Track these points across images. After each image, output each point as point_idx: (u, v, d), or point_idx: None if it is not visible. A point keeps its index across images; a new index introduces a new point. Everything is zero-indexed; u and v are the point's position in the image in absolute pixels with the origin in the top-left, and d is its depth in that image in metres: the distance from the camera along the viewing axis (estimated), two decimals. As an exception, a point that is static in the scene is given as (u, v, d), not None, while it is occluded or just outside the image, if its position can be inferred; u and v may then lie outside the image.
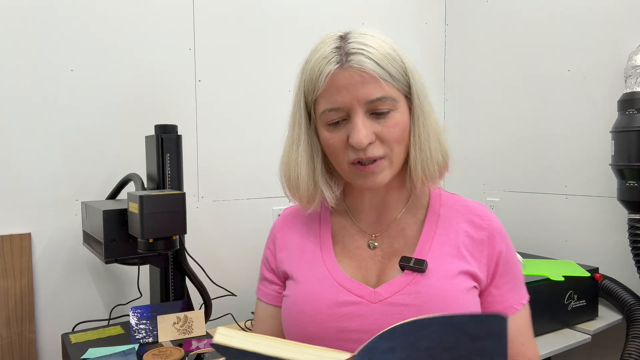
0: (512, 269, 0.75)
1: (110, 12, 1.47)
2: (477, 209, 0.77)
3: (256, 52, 1.74)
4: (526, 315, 0.76)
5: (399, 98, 0.68)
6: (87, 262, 1.46)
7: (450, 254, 0.72)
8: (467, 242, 0.73)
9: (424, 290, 0.68)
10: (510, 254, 0.75)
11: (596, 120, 1.69)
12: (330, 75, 0.67)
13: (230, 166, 1.70)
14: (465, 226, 0.74)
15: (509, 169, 2.00)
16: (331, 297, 0.70)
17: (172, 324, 1.26)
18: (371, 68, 0.65)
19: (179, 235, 1.17)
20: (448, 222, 0.75)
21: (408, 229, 0.76)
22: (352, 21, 1.95)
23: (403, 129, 0.69)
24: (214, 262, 1.66)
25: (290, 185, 0.76)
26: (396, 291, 0.68)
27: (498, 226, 0.76)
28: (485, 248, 0.73)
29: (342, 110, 0.67)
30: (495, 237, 0.74)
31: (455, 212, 0.76)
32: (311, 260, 0.76)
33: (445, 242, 0.73)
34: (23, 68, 1.35)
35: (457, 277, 0.69)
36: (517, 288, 0.75)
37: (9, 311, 1.33)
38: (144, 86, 1.53)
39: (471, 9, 2.15)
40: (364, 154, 0.67)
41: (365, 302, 0.68)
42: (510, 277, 0.74)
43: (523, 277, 0.78)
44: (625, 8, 1.61)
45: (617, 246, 1.64)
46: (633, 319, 1.45)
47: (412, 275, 0.69)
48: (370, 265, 0.74)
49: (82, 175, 1.45)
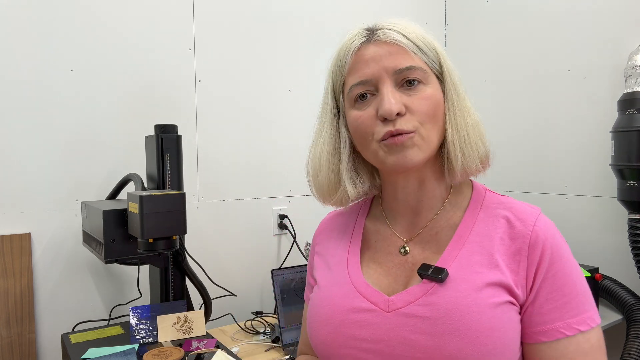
0: (561, 284, 0.62)
1: (110, 12, 1.47)
2: (523, 212, 0.66)
3: (256, 52, 1.74)
4: (581, 347, 0.61)
5: (430, 73, 0.65)
6: (87, 262, 1.46)
7: (480, 262, 0.63)
8: (502, 250, 0.64)
9: (440, 302, 0.61)
10: (562, 264, 0.63)
11: (596, 120, 1.69)
12: (357, 50, 0.65)
13: (230, 166, 1.70)
14: (502, 231, 0.65)
15: (509, 169, 2.00)
16: (346, 302, 0.67)
17: (172, 324, 1.26)
18: (399, 39, 0.63)
19: (179, 235, 1.17)
20: (485, 226, 0.66)
21: (442, 233, 0.69)
22: (352, 21, 1.95)
23: (435, 104, 0.64)
24: (214, 262, 1.66)
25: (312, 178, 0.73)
26: (411, 301, 0.63)
27: (546, 232, 0.64)
28: (524, 257, 0.63)
29: (370, 83, 0.64)
30: (538, 244, 0.63)
31: (496, 216, 0.67)
32: (336, 264, 0.74)
33: (477, 249, 0.64)
34: (23, 68, 1.35)
35: (484, 290, 0.61)
36: (569, 309, 0.61)
37: (9, 311, 1.33)
38: (144, 86, 1.54)
39: (471, 9, 2.15)
40: (393, 126, 0.62)
41: (378, 310, 0.64)
42: (558, 294, 0.61)
43: (588, 296, 0.63)
44: (625, 8, 1.61)
45: (617, 246, 1.64)
46: (633, 319, 1.45)
47: (430, 285, 0.63)
48: (400, 272, 0.69)
49: (82, 175, 1.45)
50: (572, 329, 0.60)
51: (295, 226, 1.80)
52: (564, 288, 0.62)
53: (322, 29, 1.87)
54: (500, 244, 0.64)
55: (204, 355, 1.12)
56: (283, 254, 1.81)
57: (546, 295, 0.61)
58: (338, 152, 0.71)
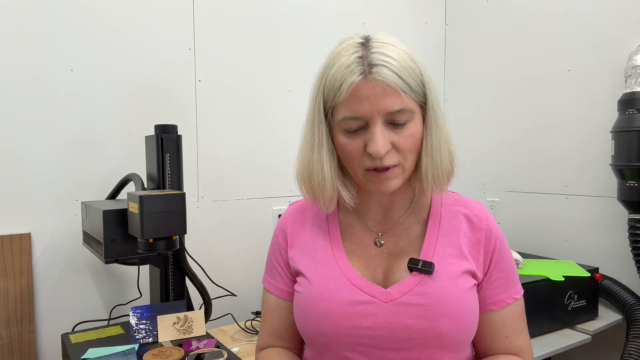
0: (505, 267, 0.79)
1: (110, 12, 1.47)
2: (476, 209, 0.81)
3: (256, 52, 1.74)
4: (516, 310, 0.80)
5: (416, 109, 0.71)
6: (87, 262, 1.46)
7: (453, 254, 0.76)
8: (466, 242, 0.78)
9: (431, 291, 0.72)
10: (504, 250, 0.80)
11: (596, 120, 1.69)
12: (354, 86, 0.68)
13: (230, 166, 1.70)
14: (464, 227, 0.79)
15: (509, 169, 2.00)
16: (345, 296, 0.74)
17: (172, 324, 1.26)
18: (393, 81, 0.67)
19: (179, 235, 1.17)
20: (449, 222, 0.79)
21: (412, 228, 0.80)
22: (352, 21, 1.95)
23: (417, 138, 0.72)
24: (214, 262, 1.66)
25: (312, 187, 0.77)
26: (406, 292, 0.73)
27: (494, 225, 0.80)
28: (482, 247, 0.78)
29: (362, 119, 0.69)
30: (491, 236, 0.78)
31: (455, 213, 0.80)
32: (323, 258, 0.79)
33: (448, 243, 0.77)
34: (23, 68, 1.35)
35: (460, 277, 0.74)
36: (510, 283, 0.80)
37: (9, 311, 1.33)
38: (144, 86, 1.54)
39: (471, 9, 2.15)
40: (380, 162, 0.69)
41: (377, 301, 0.73)
42: (504, 273, 0.79)
43: (517, 272, 0.82)
44: (625, 8, 1.61)
45: (617, 246, 1.64)
46: (633, 319, 1.45)
47: (420, 277, 0.73)
48: (378, 262, 0.78)
49: (82, 175, 1.45)
50: (512, 298, 0.79)
51: (295, 226, 1.80)
52: (507, 268, 0.79)
53: (322, 29, 1.87)
54: (464, 237, 0.78)
55: (204, 355, 1.12)
56: (283, 254, 1.81)
57: (496, 275, 0.78)
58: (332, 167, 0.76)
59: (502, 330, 0.79)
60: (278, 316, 0.85)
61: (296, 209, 0.88)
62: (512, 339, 0.79)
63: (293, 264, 0.82)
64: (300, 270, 0.80)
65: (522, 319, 0.81)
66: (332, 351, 0.74)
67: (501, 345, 0.79)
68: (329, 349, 0.74)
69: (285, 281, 0.84)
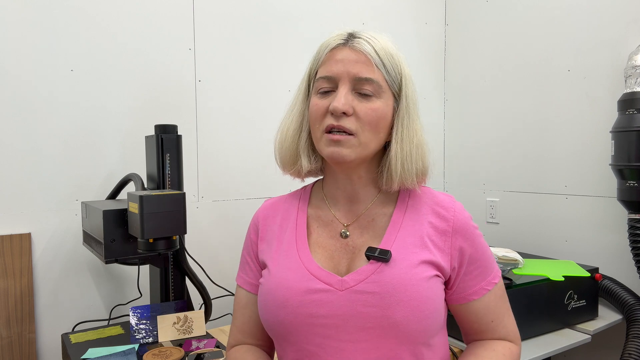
0: (479, 256, 0.79)
1: (110, 13, 1.47)
2: (443, 201, 0.80)
3: (256, 52, 1.74)
4: (497, 293, 0.81)
5: (386, 89, 0.75)
6: (87, 262, 1.46)
7: (414, 244, 0.76)
8: (431, 233, 0.77)
9: (387, 279, 0.72)
10: (477, 242, 0.79)
11: (596, 120, 1.69)
12: (333, 48, 0.76)
13: (230, 166, 1.70)
14: (430, 217, 0.78)
15: (509, 169, 2.00)
16: (301, 285, 0.74)
17: (172, 324, 1.26)
18: (369, 52, 0.73)
19: (179, 235, 1.17)
20: (415, 214, 0.79)
21: (378, 220, 0.80)
22: (352, 21, 1.95)
23: (379, 117, 0.74)
24: (214, 262, 1.66)
25: (281, 150, 0.82)
26: (361, 280, 0.73)
27: (463, 217, 0.79)
28: (449, 239, 0.77)
29: (333, 80, 0.74)
30: (460, 228, 0.78)
31: (422, 204, 0.80)
32: (286, 250, 0.80)
33: (411, 233, 0.77)
34: (23, 68, 1.35)
35: (418, 267, 0.73)
36: (487, 272, 0.80)
37: (9, 311, 1.33)
38: (144, 86, 1.54)
39: (471, 9, 2.15)
40: (336, 121, 0.72)
41: (333, 289, 0.73)
42: (478, 264, 0.79)
43: (492, 257, 0.82)
44: (625, 8, 1.61)
45: (617, 246, 1.64)
46: (633, 319, 1.45)
47: (377, 265, 0.73)
48: (342, 254, 0.78)
49: (82, 175, 1.45)
50: (491, 284, 0.80)
51: (295, 226, 1.80)
52: (482, 258, 0.79)
53: (322, 29, 1.87)
54: (429, 227, 0.77)
55: (204, 355, 1.12)
56: (283, 254, 1.81)
57: (471, 267, 0.78)
58: (300, 130, 0.80)
59: (486, 316, 0.80)
60: (249, 311, 0.86)
61: (269, 204, 0.90)
62: (497, 322, 0.81)
63: (261, 257, 0.84)
64: (266, 262, 0.82)
65: (505, 301, 0.82)
66: (292, 343, 0.75)
67: (488, 329, 0.81)
68: (288, 341, 0.75)
69: (256, 275, 0.85)
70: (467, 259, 0.78)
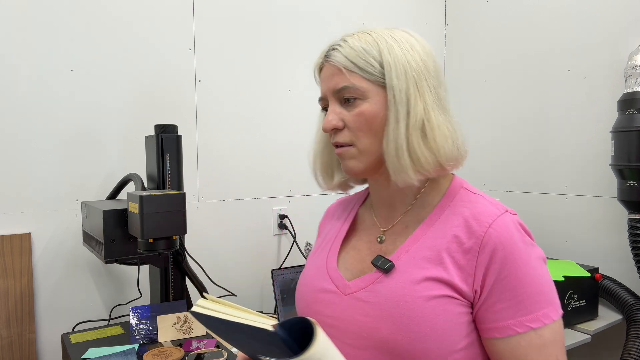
0: (515, 285, 0.64)
1: (110, 13, 1.47)
2: (481, 213, 0.68)
3: (256, 52, 1.74)
4: (533, 343, 0.64)
5: (370, 87, 0.70)
6: (87, 262, 1.46)
7: (426, 258, 0.68)
8: (453, 249, 0.67)
9: (383, 290, 0.68)
10: (515, 267, 0.64)
11: (596, 120, 1.69)
12: (318, 69, 0.78)
13: (230, 166, 1.70)
14: (458, 230, 0.68)
15: (509, 169, 2.00)
16: (317, 283, 0.77)
17: (172, 324, 1.26)
18: (339, 61, 0.72)
19: (179, 235, 1.17)
20: (444, 224, 0.70)
21: (411, 227, 0.74)
22: (352, 21, 1.95)
23: (369, 119, 0.70)
24: (214, 262, 1.66)
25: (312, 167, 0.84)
26: (362, 287, 0.71)
27: (499, 234, 0.66)
28: (474, 257, 0.66)
29: (324, 99, 0.75)
30: (491, 246, 0.65)
31: (456, 215, 0.70)
32: (322, 248, 0.82)
33: (429, 246, 0.69)
34: (23, 68, 1.35)
35: (420, 283, 0.66)
36: (522, 308, 0.64)
37: (9, 311, 1.33)
38: (144, 86, 1.54)
39: (471, 9, 2.15)
40: (333, 139, 0.73)
41: (338, 292, 0.73)
42: (511, 295, 0.64)
43: (547, 296, 0.65)
44: (625, 8, 1.61)
45: (617, 246, 1.64)
46: (633, 319, 1.45)
47: (378, 274, 0.70)
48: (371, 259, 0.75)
49: (82, 175, 1.45)
50: (524, 326, 0.64)
51: (295, 226, 1.80)
52: (516, 289, 0.64)
53: (322, 29, 1.87)
54: (452, 242, 0.68)
55: (204, 355, 1.12)
56: (283, 254, 1.81)
57: (498, 296, 0.64)
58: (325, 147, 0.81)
59: None
60: None
61: (337, 202, 0.93)
62: None
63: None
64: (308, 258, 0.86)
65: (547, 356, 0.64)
66: None
67: None
68: None
69: None
70: (494, 284, 0.64)
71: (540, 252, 0.69)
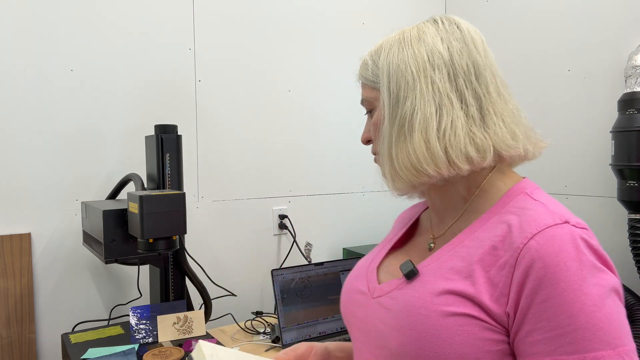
0: (553, 313, 0.52)
1: (110, 13, 1.47)
2: (528, 222, 0.57)
3: (256, 52, 1.74)
4: None
5: (376, 97, 0.72)
6: (87, 262, 1.46)
7: (454, 269, 0.60)
8: (487, 261, 0.58)
9: (401, 298, 0.63)
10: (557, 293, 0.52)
11: (596, 120, 1.69)
12: None
13: (230, 166, 1.70)
14: (497, 240, 0.59)
15: (509, 169, 1.99)
16: (355, 283, 0.76)
17: (172, 324, 1.26)
18: (360, 75, 0.75)
19: (179, 235, 1.17)
20: (485, 232, 0.61)
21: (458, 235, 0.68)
22: (352, 21, 1.95)
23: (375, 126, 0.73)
24: (214, 262, 1.66)
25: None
26: (386, 292, 0.67)
27: (540, 247, 0.54)
28: (509, 272, 0.55)
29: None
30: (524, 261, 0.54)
31: (504, 223, 0.60)
32: (376, 249, 0.82)
33: (462, 255, 0.61)
34: (23, 68, 1.35)
35: (439, 297, 0.58)
36: (563, 343, 0.51)
37: (9, 311, 1.33)
38: (144, 86, 1.54)
39: (471, 9, 2.15)
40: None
41: (368, 295, 0.71)
42: (549, 325, 0.52)
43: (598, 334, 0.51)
44: (625, 8, 1.61)
45: (617, 246, 1.64)
46: (633, 319, 1.45)
47: (402, 281, 0.65)
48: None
49: (82, 175, 1.45)
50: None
51: (295, 226, 1.80)
52: (557, 318, 0.51)
53: (322, 29, 1.87)
54: (488, 253, 0.58)
55: (204, 355, 1.12)
56: (283, 254, 1.81)
57: (534, 324, 0.53)
58: None
59: None
60: None
61: (410, 207, 0.92)
62: None
63: None
64: None
65: None
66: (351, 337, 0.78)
67: None
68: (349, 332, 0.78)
69: None
70: (529, 308, 0.53)
71: (609, 280, 0.54)
